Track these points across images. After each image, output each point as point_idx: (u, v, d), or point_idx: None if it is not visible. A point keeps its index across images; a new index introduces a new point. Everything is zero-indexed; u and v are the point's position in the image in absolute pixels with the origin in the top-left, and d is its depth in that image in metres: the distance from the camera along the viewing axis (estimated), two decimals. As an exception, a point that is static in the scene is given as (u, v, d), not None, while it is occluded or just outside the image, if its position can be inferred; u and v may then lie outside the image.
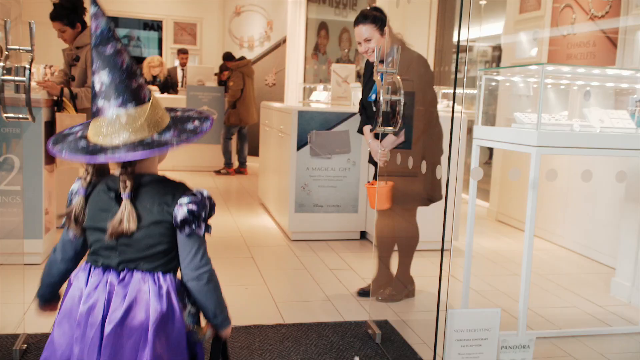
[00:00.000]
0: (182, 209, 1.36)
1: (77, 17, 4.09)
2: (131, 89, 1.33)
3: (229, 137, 7.83)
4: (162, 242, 1.39)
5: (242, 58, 8.11)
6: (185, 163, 7.88)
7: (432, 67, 6.51)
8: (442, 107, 5.07)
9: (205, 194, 1.41)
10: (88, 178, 1.44)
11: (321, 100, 7.47)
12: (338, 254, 4.33)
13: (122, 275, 1.39)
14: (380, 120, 2.73)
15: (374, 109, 2.98)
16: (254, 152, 8.56)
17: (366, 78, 3.45)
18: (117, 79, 1.31)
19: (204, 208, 1.39)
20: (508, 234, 5.29)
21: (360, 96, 3.56)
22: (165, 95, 8.20)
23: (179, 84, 8.72)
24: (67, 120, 3.86)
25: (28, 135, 3.69)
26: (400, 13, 6.36)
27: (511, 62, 5.63)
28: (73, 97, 3.91)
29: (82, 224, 1.42)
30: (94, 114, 1.34)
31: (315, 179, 4.56)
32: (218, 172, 7.88)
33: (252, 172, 8.01)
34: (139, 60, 8.76)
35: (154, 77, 8.35)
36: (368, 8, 3.27)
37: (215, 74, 8.53)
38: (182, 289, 1.43)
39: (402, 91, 2.71)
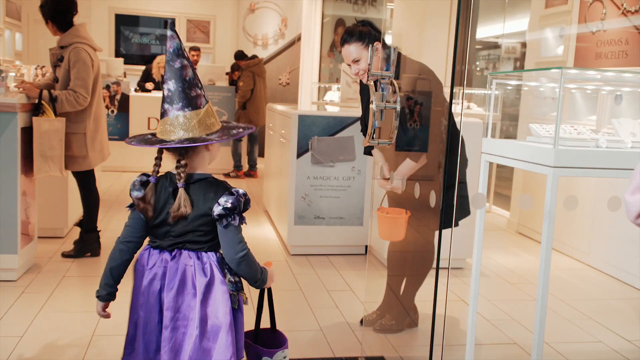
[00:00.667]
0: (220, 206, 1.67)
1: (63, 18, 3.79)
2: (189, 97, 1.67)
3: (239, 140, 7.51)
4: (204, 230, 1.72)
5: (254, 57, 7.79)
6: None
7: (450, 67, 6.13)
8: (464, 110, 4.67)
9: (240, 192, 1.71)
10: (157, 169, 1.76)
11: (335, 100, 7.13)
12: (339, 271, 3.97)
13: (173, 253, 1.73)
14: (371, 130, 2.37)
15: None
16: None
17: (365, 102, 3.09)
18: (180, 88, 1.66)
19: (239, 204, 1.69)
20: (529, 249, 4.86)
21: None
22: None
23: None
24: (45, 124, 3.57)
25: (3, 142, 3.41)
26: (419, 8, 5.96)
27: (536, 61, 5.20)
28: (53, 100, 3.62)
29: (154, 207, 1.74)
30: (161, 114, 1.68)
31: (317, 189, 4.21)
32: (227, 175, 7.58)
33: (263, 175, 7.69)
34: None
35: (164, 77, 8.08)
36: (355, 23, 2.90)
37: (227, 73, 8.23)
38: (222, 261, 1.76)
39: (399, 98, 2.34)
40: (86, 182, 3.92)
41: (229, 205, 1.66)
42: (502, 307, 3.44)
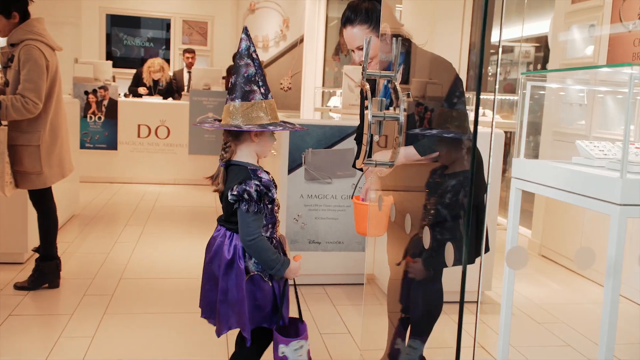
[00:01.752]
0: (233, 192, 1.89)
1: (14, 5, 3.26)
2: (244, 90, 1.91)
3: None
4: (234, 212, 1.95)
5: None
6: (185, 176, 7.06)
7: (466, 71, 5.53)
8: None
9: (251, 183, 1.90)
10: (223, 154, 2.01)
11: (339, 106, 6.59)
12: (335, 306, 3.41)
13: (218, 228, 2.04)
14: (367, 148, 1.81)
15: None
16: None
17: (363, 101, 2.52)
18: (238, 82, 1.92)
19: (244, 193, 1.88)
20: (557, 277, 4.27)
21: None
22: (170, 100, 7.39)
23: (185, 88, 7.88)
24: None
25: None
26: (430, 9, 5.41)
27: (561, 63, 4.62)
28: (-3, 107, 3.08)
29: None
30: (226, 101, 1.95)
31: (312, 209, 3.65)
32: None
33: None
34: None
35: (155, 82, 7.55)
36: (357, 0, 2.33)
37: (223, 78, 7.70)
38: None
39: (404, 106, 1.78)
40: (42, 202, 3.39)
41: (235, 192, 1.88)
42: (527, 352, 2.87)
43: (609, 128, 4.10)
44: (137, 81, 7.56)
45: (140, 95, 7.40)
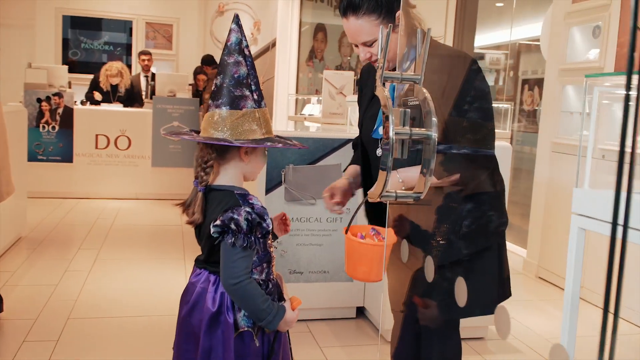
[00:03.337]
0: (216, 223, 1.49)
1: None
2: (232, 95, 1.53)
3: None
4: (218, 249, 1.54)
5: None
6: (148, 190, 6.51)
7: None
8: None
9: (242, 210, 1.50)
10: (198, 172, 1.60)
11: (315, 114, 6.13)
12: (321, 347, 2.94)
13: (197, 271, 1.62)
14: (384, 177, 1.34)
15: (379, 151, 1.43)
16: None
17: (368, 96, 2.02)
18: (225, 84, 1.54)
19: (231, 222, 1.48)
20: (558, 303, 3.87)
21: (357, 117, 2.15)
22: (131, 108, 6.83)
23: (143, 94, 7.30)
24: None
25: None
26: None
27: (560, 68, 4.24)
28: None
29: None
30: (208, 108, 1.57)
31: (293, 235, 3.18)
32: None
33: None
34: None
35: (114, 88, 6.97)
36: None
37: (190, 85, 7.17)
38: None
39: (434, 118, 1.33)
40: None
41: (218, 222, 1.50)
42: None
43: (614, 139, 3.73)
44: (95, 87, 6.98)
45: (98, 103, 6.82)
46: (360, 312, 3.39)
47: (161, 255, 4.42)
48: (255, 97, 1.56)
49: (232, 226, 1.49)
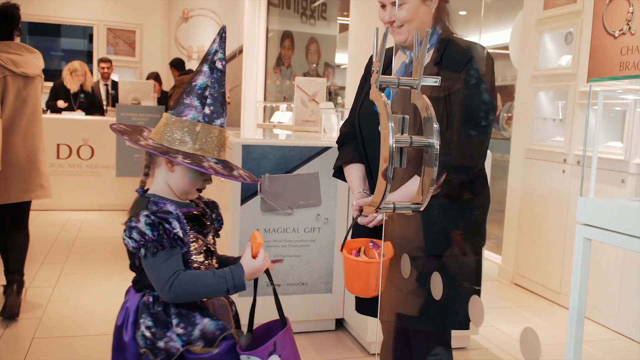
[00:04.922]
0: (123, 237, 1.44)
1: None
2: (180, 101, 1.47)
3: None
4: (132, 260, 1.53)
5: (190, 71, 6.66)
6: (113, 201, 6.30)
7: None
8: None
9: (137, 222, 1.41)
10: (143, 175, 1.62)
11: (284, 122, 6.05)
12: (303, 364, 2.84)
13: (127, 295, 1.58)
14: (382, 187, 1.27)
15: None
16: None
17: (368, 81, 1.96)
18: (184, 90, 1.49)
19: (139, 232, 1.40)
20: (534, 309, 3.86)
21: (336, 122, 2.08)
22: (92, 117, 6.61)
23: (104, 103, 7.08)
24: None
25: None
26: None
27: (532, 74, 4.25)
28: None
29: None
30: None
31: (270, 245, 3.07)
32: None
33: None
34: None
35: (76, 94, 6.74)
36: None
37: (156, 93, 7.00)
38: (142, 308, 1.49)
39: (436, 125, 1.26)
40: None
41: (124, 236, 1.43)
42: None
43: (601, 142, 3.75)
44: (56, 95, 6.74)
45: (59, 111, 6.59)
46: (340, 324, 3.30)
47: (128, 268, 4.25)
48: (207, 111, 1.46)
49: (135, 236, 1.41)
